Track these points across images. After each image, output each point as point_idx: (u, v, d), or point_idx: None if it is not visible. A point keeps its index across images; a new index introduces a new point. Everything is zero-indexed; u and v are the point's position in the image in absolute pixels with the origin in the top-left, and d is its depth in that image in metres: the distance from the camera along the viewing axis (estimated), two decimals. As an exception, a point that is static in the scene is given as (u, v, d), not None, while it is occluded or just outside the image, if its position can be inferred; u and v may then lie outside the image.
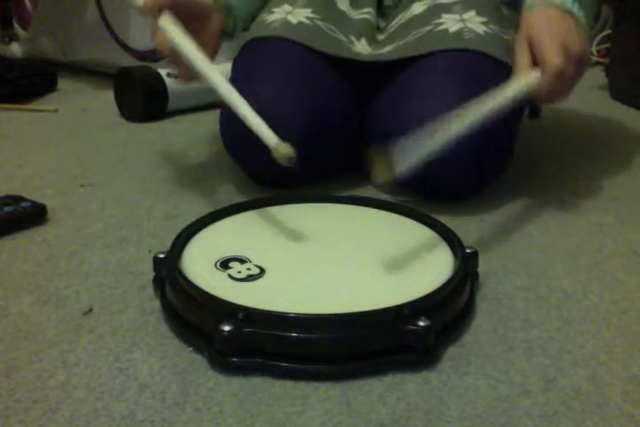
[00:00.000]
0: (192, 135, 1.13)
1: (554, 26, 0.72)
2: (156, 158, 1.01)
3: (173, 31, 0.71)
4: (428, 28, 0.84)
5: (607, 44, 1.65)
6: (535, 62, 0.70)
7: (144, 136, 1.13)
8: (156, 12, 0.72)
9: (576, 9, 0.74)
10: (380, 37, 0.88)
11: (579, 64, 0.70)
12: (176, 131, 1.18)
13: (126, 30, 1.48)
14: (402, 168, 0.58)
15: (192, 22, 0.75)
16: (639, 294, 0.62)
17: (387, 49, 0.86)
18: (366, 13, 0.87)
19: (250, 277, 0.57)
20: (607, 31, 1.66)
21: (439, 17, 0.84)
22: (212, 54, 0.79)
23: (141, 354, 0.52)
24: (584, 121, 1.21)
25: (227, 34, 0.85)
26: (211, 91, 0.85)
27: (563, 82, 0.69)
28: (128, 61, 1.45)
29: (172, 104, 1.25)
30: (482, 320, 0.57)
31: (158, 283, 0.60)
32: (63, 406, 0.46)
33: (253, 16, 0.91)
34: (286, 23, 0.86)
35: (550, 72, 0.68)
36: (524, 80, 0.69)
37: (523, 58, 0.71)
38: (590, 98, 1.41)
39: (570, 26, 0.73)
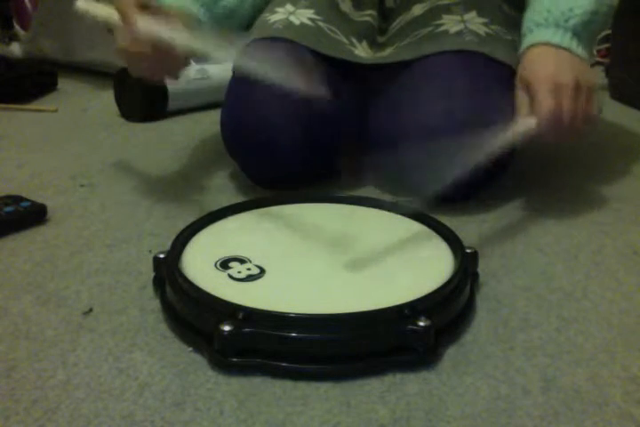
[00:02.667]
0: (192, 135, 1.13)
1: (544, 63, 0.72)
2: (155, 158, 1.01)
3: (155, 26, 0.68)
4: (429, 29, 0.84)
5: (607, 44, 1.65)
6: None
7: (144, 136, 1.13)
8: (134, 16, 0.68)
9: (574, 45, 0.74)
10: (381, 39, 0.88)
11: (577, 93, 0.69)
12: (176, 131, 1.18)
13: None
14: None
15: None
16: (639, 294, 0.62)
17: (387, 51, 0.86)
18: (368, 15, 0.87)
19: (250, 277, 0.57)
20: (607, 31, 1.65)
21: (440, 18, 0.84)
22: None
23: (141, 354, 0.52)
24: (584, 121, 1.21)
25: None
26: (211, 91, 0.85)
27: (561, 120, 0.68)
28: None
29: (172, 104, 1.25)
30: (482, 320, 0.57)
31: (158, 283, 0.60)
32: (63, 406, 0.46)
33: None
34: (289, 24, 0.86)
35: (543, 115, 0.68)
36: (522, 126, 0.69)
37: (521, 99, 0.72)
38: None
39: (562, 58, 0.72)
